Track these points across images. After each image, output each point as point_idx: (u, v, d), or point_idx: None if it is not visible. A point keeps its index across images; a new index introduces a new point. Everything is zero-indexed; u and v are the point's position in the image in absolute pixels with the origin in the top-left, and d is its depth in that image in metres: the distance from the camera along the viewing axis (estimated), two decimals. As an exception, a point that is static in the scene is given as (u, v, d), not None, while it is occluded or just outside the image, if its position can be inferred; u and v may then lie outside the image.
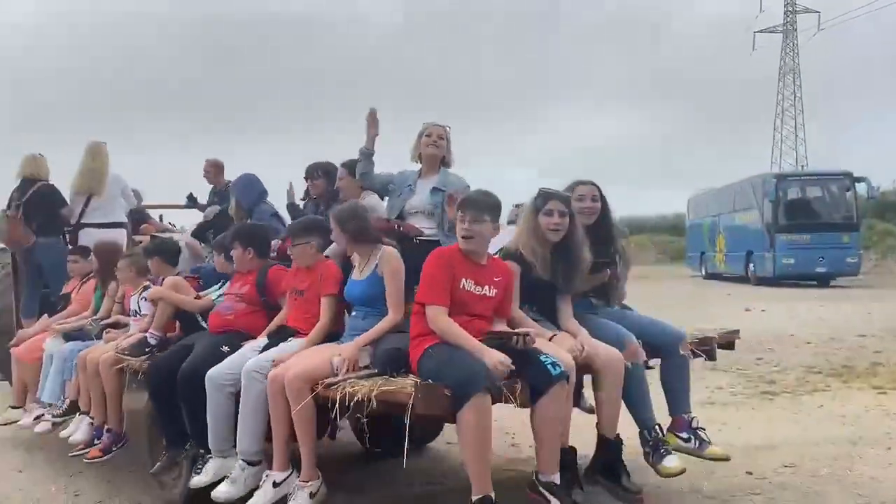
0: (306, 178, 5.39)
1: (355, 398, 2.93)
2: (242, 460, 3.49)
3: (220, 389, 3.57)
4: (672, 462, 3.34)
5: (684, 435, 3.51)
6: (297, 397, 3.14)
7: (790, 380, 7.10)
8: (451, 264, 3.18)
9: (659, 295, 18.46)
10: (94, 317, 5.25)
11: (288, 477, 3.36)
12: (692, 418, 3.55)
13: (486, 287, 3.23)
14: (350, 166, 4.72)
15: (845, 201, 20.50)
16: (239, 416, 3.49)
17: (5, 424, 5.54)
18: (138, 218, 7.36)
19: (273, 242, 4.57)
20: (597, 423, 3.46)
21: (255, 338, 3.89)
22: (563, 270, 3.46)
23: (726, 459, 3.59)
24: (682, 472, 3.36)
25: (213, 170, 6.81)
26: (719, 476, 4.26)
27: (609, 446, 3.40)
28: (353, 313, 3.75)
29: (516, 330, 3.13)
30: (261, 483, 3.39)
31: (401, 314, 3.48)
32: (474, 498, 2.84)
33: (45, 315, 5.83)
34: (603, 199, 3.76)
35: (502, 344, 3.03)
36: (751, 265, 21.49)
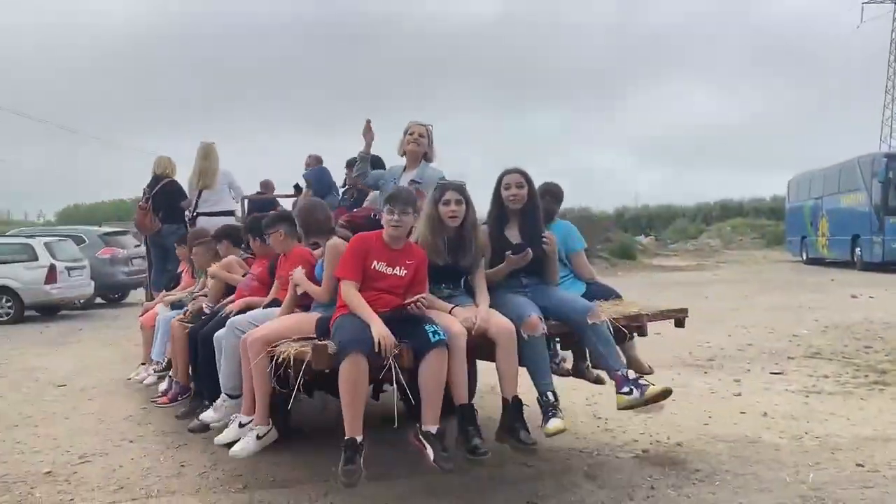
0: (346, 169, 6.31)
1: (282, 356, 3.57)
2: (225, 394, 4.43)
3: (221, 347, 4.43)
4: (553, 424, 3.59)
5: (626, 389, 3.66)
6: (255, 356, 3.81)
7: (903, 370, 6.69)
8: (367, 247, 3.69)
9: (757, 280, 17.80)
10: (192, 290, 6.15)
11: (251, 421, 4.10)
12: (627, 372, 3.73)
13: (397, 268, 3.69)
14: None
15: (963, 181, 19.09)
16: (222, 359, 4.35)
17: (130, 379, 6.74)
18: (268, 206, 8.19)
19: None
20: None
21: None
22: (462, 252, 3.86)
23: (668, 393, 3.72)
24: (563, 430, 3.62)
25: (312, 163, 7.82)
26: (827, 467, 4.07)
27: (506, 406, 3.71)
28: None
29: (414, 298, 3.53)
30: (229, 423, 4.26)
31: (326, 295, 3.98)
32: (345, 438, 3.32)
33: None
34: (530, 185, 4.04)
35: (393, 315, 3.49)
36: (857, 250, 20.36)
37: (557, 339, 4.33)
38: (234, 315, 4.58)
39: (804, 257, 24.39)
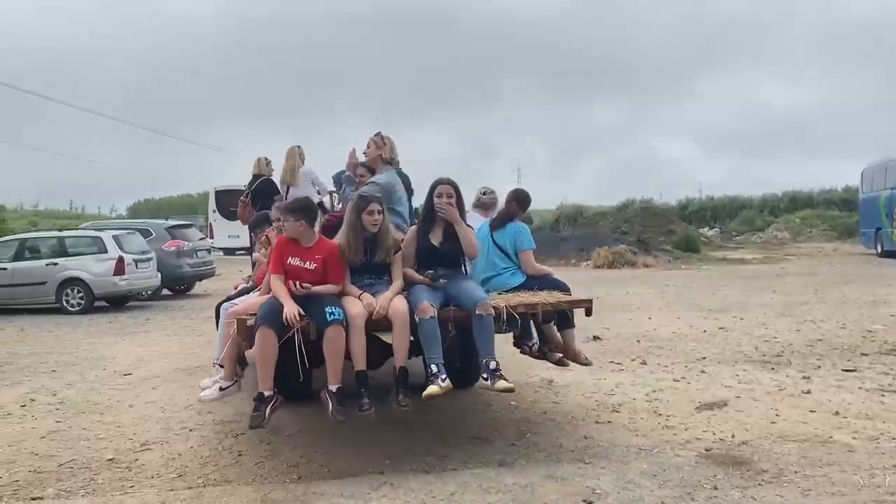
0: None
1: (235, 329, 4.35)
2: (217, 365, 4.91)
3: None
4: (428, 389, 4.14)
5: (484, 375, 4.29)
6: (229, 326, 4.55)
7: None
8: (283, 248, 4.52)
9: (827, 273, 17.12)
10: None
11: (230, 386, 4.67)
12: (489, 362, 4.27)
13: (308, 262, 4.48)
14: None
15: None
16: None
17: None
18: None
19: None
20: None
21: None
22: (377, 250, 4.58)
23: (511, 391, 4.33)
24: (436, 395, 4.11)
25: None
26: (905, 471, 3.85)
27: (396, 372, 4.32)
28: None
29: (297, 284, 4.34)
30: (212, 384, 4.74)
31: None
32: (257, 392, 4.19)
33: None
34: (458, 195, 4.71)
35: (303, 298, 4.27)
36: (937, 242, 19.38)
37: (534, 326, 4.98)
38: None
39: (879, 250, 23.35)
